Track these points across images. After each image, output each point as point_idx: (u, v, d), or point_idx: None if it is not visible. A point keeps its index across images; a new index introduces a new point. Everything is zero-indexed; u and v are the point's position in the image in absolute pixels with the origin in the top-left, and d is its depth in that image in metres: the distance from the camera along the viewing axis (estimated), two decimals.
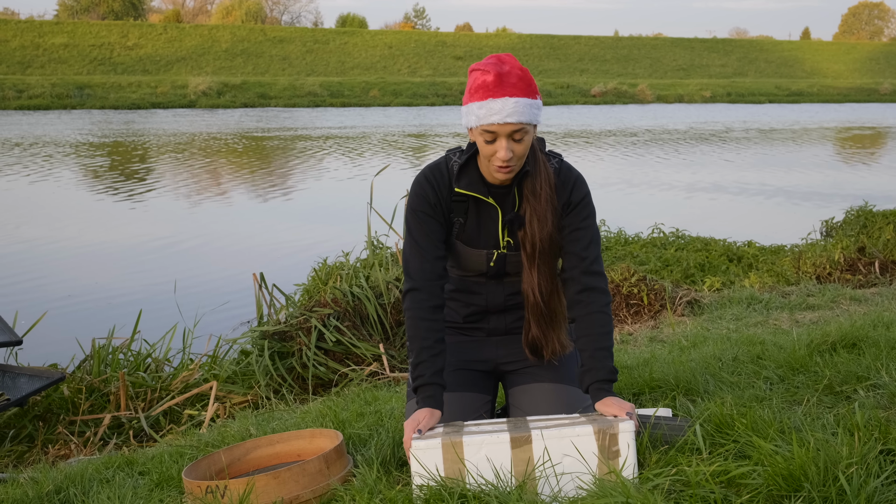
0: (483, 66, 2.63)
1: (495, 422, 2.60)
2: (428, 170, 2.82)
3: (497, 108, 2.57)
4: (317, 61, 65.55)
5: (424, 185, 2.78)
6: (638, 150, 24.43)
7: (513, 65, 2.63)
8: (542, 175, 2.72)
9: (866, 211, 9.77)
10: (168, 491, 2.80)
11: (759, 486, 2.14)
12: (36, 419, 4.90)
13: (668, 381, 3.35)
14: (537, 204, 2.70)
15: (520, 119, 2.57)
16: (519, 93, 2.59)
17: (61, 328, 7.14)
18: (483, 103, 2.59)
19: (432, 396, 2.64)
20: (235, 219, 13.17)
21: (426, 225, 2.76)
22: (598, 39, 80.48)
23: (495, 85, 2.58)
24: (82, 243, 11.12)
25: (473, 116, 2.62)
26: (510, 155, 2.60)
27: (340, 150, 23.70)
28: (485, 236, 2.79)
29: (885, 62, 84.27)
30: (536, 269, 2.75)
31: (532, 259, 2.74)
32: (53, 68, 55.42)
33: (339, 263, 7.00)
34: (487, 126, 2.59)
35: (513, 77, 2.60)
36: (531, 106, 2.61)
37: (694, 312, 5.97)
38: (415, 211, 2.78)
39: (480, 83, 2.61)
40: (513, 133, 2.59)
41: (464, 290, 2.90)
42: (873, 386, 3.03)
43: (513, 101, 2.57)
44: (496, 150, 2.61)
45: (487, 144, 2.62)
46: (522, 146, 2.63)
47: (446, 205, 2.77)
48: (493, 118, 2.57)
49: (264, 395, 5.05)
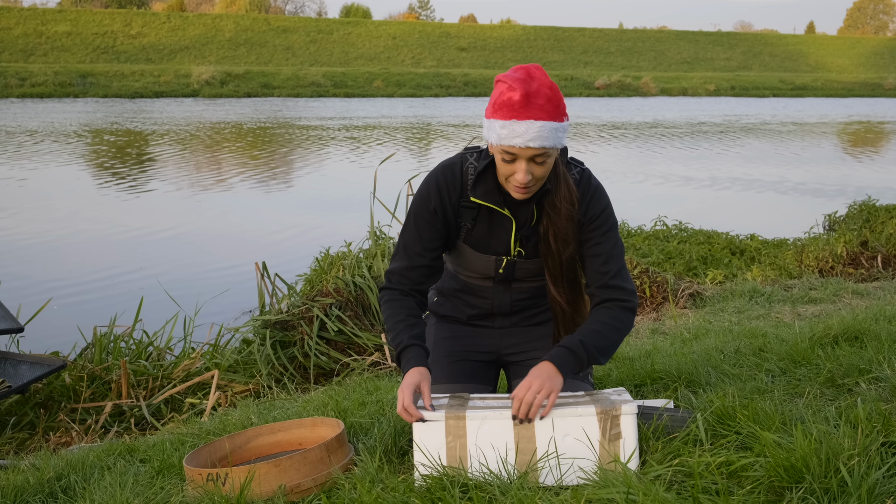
0: (511, 80, 2.46)
1: (500, 396, 2.59)
2: (440, 171, 2.70)
3: (520, 132, 2.42)
4: (320, 51, 65.45)
5: (432, 189, 2.67)
6: (641, 142, 24.40)
7: (542, 82, 2.46)
8: (563, 191, 2.60)
9: (869, 205, 9.76)
10: (169, 478, 2.80)
11: (761, 478, 2.14)
12: (37, 406, 4.90)
13: (670, 372, 3.35)
14: (559, 221, 2.60)
15: (543, 144, 2.44)
16: (545, 115, 2.44)
17: (63, 316, 7.14)
18: (506, 123, 2.44)
19: (414, 357, 2.57)
20: (238, 208, 13.17)
21: (422, 231, 2.68)
22: (602, 32, 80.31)
23: (521, 105, 2.43)
24: (85, 232, 11.12)
25: (495, 134, 2.48)
26: (529, 178, 2.49)
27: (343, 141, 23.68)
28: (494, 243, 2.71)
29: (889, 57, 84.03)
30: (563, 286, 2.70)
31: (558, 277, 2.68)
32: (56, 56, 55.37)
33: (341, 253, 7.00)
34: (508, 148, 2.46)
35: (540, 98, 2.44)
36: (557, 130, 2.46)
37: (696, 305, 5.96)
38: (415, 213, 2.70)
39: (506, 100, 2.45)
40: (534, 157, 2.47)
41: (469, 293, 2.85)
42: (875, 379, 3.03)
43: (538, 125, 2.42)
44: (515, 172, 2.50)
45: (506, 164, 2.51)
46: (543, 169, 2.51)
47: (454, 210, 2.68)
48: (515, 141, 2.43)
49: (266, 384, 5.05)
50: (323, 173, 17.55)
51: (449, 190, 2.66)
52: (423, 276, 2.71)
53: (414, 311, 2.68)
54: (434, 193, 2.67)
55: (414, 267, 2.70)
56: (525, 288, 2.80)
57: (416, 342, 2.60)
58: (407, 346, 2.60)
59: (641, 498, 1.98)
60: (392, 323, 2.66)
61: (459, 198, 2.67)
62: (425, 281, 2.72)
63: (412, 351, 2.59)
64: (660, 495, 1.98)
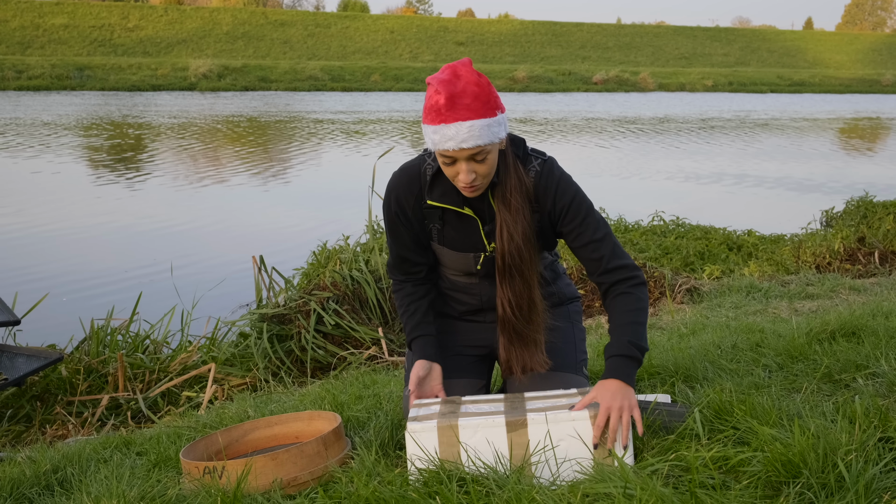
0: (436, 82, 2.41)
1: (492, 398, 2.57)
2: (398, 175, 2.69)
3: (451, 134, 2.39)
4: (318, 45, 65.38)
5: (390, 195, 2.68)
6: (638, 137, 24.39)
7: (468, 80, 2.41)
8: (513, 183, 2.55)
9: (867, 201, 9.77)
10: (166, 471, 2.80)
11: (758, 473, 2.14)
12: (34, 399, 4.90)
13: (667, 367, 3.35)
14: (507, 214, 2.56)
15: (476, 143, 2.40)
16: (473, 114, 2.39)
17: (60, 309, 7.14)
18: (437, 128, 2.40)
19: (423, 347, 2.72)
20: (235, 202, 13.15)
21: (395, 235, 2.74)
22: (600, 27, 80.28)
23: (447, 108, 2.38)
24: (82, 225, 11.11)
25: (429, 140, 2.45)
26: (472, 177, 2.46)
27: (341, 134, 23.66)
28: (469, 241, 2.69)
29: (887, 53, 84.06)
30: (508, 282, 2.62)
31: (503, 272, 2.61)
32: (53, 49, 55.26)
33: (338, 247, 7.00)
34: (443, 152, 2.44)
35: (466, 97, 2.39)
36: (489, 126, 2.42)
37: (693, 300, 5.96)
38: (385, 217, 2.75)
39: (433, 104, 2.41)
40: (472, 156, 2.43)
41: (457, 290, 2.85)
42: (872, 374, 3.03)
43: (467, 125, 2.38)
44: (457, 173, 2.47)
45: (448, 166, 2.48)
46: (486, 165, 2.47)
47: (416, 213, 2.67)
48: (448, 144, 2.40)
49: (263, 377, 5.05)
50: (320, 167, 17.54)
51: (406, 194, 2.66)
52: (413, 266, 2.79)
53: (416, 294, 2.80)
54: (393, 199, 2.68)
55: (403, 260, 2.79)
56: None
57: (424, 332, 2.76)
58: (416, 337, 2.76)
59: (639, 492, 1.98)
60: (402, 310, 2.82)
61: (418, 201, 2.66)
62: (418, 270, 2.80)
63: (420, 341, 2.75)
64: (657, 490, 1.98)
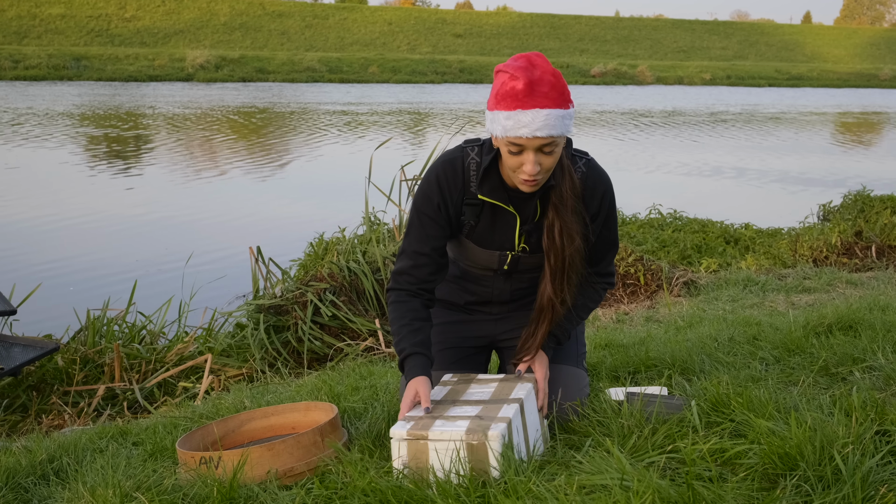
0: (512, 69, 2.37)
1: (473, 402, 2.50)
2: (441, 168, 2.62)
3: (526, 121, 2.34)
4: (316, 36, 65.24)
5: (433, 186, 2.61)
6: (637, 130, 24.38)
7: (544, 69, 2.39)
8: (568, 184, 2.53)
9: (864, 195, 9.76)
10: (162, 461, 2.80)
11: (755, 465, 2.14)
12: (30, 389, 4.89)
13: (664, 360, 3.35)
14: (565, 215, 2.53)
15: (551, 133, 2.36)
16: (551, 103, 2.36)
17: (56, 299, 7.12)
18: (511, 114, 2.36)
19: (416, 366, 2.55)
20: (232, 193, 13.14)
21: (427, 228, 2.63)
22: (598, 19, 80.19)
23: (525, 94, 2.34)
24: (79, 215, 11.08)
25: (500, 126, 2.39)
26: (538, 169, 2.41)
27: (338, 126, 23.62)
28: (498, 239, 2.66)
29: (885, 48, 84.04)
30: (563, 282, 2.61)
31: (558, 273, 2.59)
32: (50, 39, 55.09)
33: (335, 238, 6.99)
34: (515, 139, 2.39)
35: (545, 85, 2.36)
36: (563, 117, 2.39)
37: (690, 293, 5.97)
38: (419, 211, 2.64)
39: (509, 90, 2.36)
40: (542, 147, 2.39)
41: (469, 280, 2.82)
42: (869, 368, 3.03)
43: (544, 113, 2.34)
44: (523, 163, 2.42)
45: (513, 156, 2.43)
46: (552, 159, 2.43)
47: (456, 208, 2.62)
48: (522, 131, 2.35)
49: (259, 368, 5.04)
50: (318, 158, 17.51)
51: (451, 187, 2.60)
52: (430, 274, 2.67)
53: (419, 314, 2.65)
54: (436, 191, 2.60)
55: (420, 265, 2.65)
56: (526, 278, 2.77)
57: (417, 350, 2.58)
58: (409, 354, 2.58)
59: (635, 484, 1.98)
60: (397, 327, 2.63)
61: (462, 195, 2.61)
62: (433, 278, 2.69)
63: (414, 360, 2.57)
64: (654, 482, 1.98)
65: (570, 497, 2.03)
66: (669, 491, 1.96)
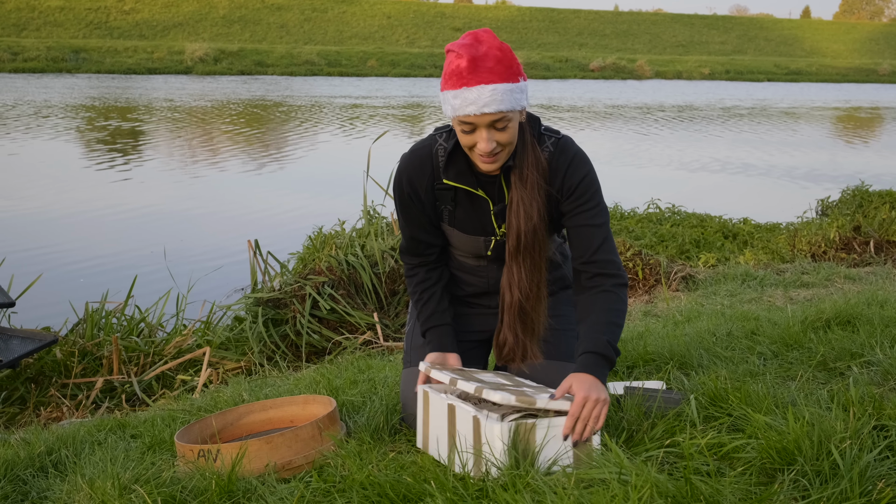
0: (457, 47, 2.35)
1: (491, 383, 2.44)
2: (408, 157, 2.62)
3: (472, 98, 2.31)
4: (315, 30, 65.13)
5: (403, 176, 2.62)
6: (636, 125, 24.37)
7: (490, 44, 2.35)
8: (530, 160, 2.48)
9: (862, 190, 9.77)
10: (160, 454, 2.80)
11: (753, 459, 2.15)
12: (28, 381, 4.89)
13: (662, 354, 3.35)
14: (524, 192, 2.48)
15: (499, 108, 2.32)
16: (497, 78, 2.32)
17: (55, 292, 7.12)
18: (457, 92, 2.33)
19: (440, 337, 2.70)
20: (231, 186, 13.12)
21: (406, 212, 2.68)
22: (597, 14, 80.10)
23: (469, 71, 2.32)
24: (78, 208, 11.07)
25: (449, 106, 2.37)
26: (493, 146, 2.37)
27: (337, 119, 23.60)
28: (480, 223, 2.64)
29: (884, 43, 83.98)
30: (519, 264, 2.54)
31: (515, 253, 2.53)
32: (49, 31, 54.98)
33: (334, 232, 6.99)
34: (463, 117, 2.35)
35: (489, 60, 2.33)
36: (512, 91, 2.34)
37: (689, 288, 5.97)
38: (396, 200, 2.69)
39: (454, 69, 2.34)
40: (493, 123, 2.35)
41: (465, 271, 2.81)
42: (867, 363, 3.04)
43: (490, 88, 2.31)
44: (476, 142, 2.39)
45: (466, 135, 2.40)
46: (507, 134, 2.38)
47: (428, 195, 2.61)
48: (469, 109, 2.32)
49: (257, 361, 5.05)
50: (317, 152, 17.49)
51: (420, 175, 2.59)
52: (428, 248, 2.74)
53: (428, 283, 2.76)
54: (405, 181, 2.62)
55: (416, 236, 2.72)
56: None
57: (442, 322, 2.72)
58: (432, 326, 2.73)
59: (633, 478, 1.98)
60: (413, 300, 2.80)
61: (431, 181, 2.59)
62: (432, 252, 2.75)
63: (436, 332, 2.72)
64: (652, 476, 1.98)
65: (568, 491, 2.04)
66: (667, 485, 1.96)
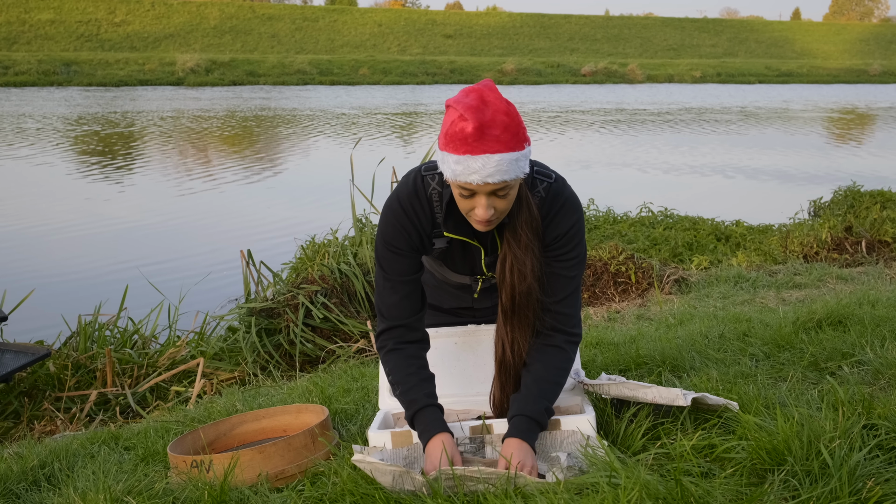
0: (462, 107, 2.19)
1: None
2: (406, 199, 2.44)
3: (476, 167, 2.18)
4: (306, 39, 65.18)
5: (403, 220, 2.44)
6: (627, 129, 24.41)
7: (496, 108, 2.20)
8: (524, 218, 2.36)
9: (854, 191, 9.79)
10: (154, 465, 2.80)
11: (743, 460, 2.15)
12: (22, 395, 4.88)
13: (654, 357, 3.36)
14: (517, 250, 2.37)
15: (503, 178, 2.19)
16: (503, 147, 2.18)
17: (48, 305, 7.10)
18: (461, 158, 2.19)
19: (433, 421, 2.38)
20: (223, 197, 13.12)
21: (399, 263, 2.46)
22: (588, 18, 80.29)
23: (475, 138, 2.17)
24: (69, 221, 11.06)
25: (449, 169, 2.22)
26: (491, 213, 2.26)
27: (329, 128, 23.60)
28: (468, 266, 2.58)
29: (874, 43, 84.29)
30: (512, 323, 2.44)
31: (509, 312, 2.43)
32: (40, 45, 54.92)
33: (326, 241, 6.99)
34: (464, 184, 2.23)
35: (496, 127, 2.18)
36: (517, 160, 2.21)
37: (681, 290, 5.98)
38: (388, 245, 2.46)
39: (458, 131, 2.19)
40: (495, 191, 2.24)
41: (450, 287, 2.77)
42: (858, 362, 3.04)
43: (496, 158, 2.17)
44: (474, 207, 2.27)
45: (464, 199, 2.27)
46: (507, 201, 2.28)
47: (428, 238, 2.48)
48: (472, 178, 2.19)
49: (251, 371, 5.05)
50: (309, 161, 17.50)
51: (421, 220, 2.44)
52: (417, 302, 2.51)
53: (423, 362, 2.50)
54: (408, 225, 2.44)
55: (405, 295, 2.49)
56: None
57: (431, 402, 2.42)
58: (421, 408, 2.41)
59: (624, 480, 1.99)
60: (402, 375, 2.46)
61: (432, 226, 2.47)
62: (421, 307, 2.53)
63: (427, 413, 2.40)
64: (642, 478, 1.99)
65: (559, 496, 2.04)
66: (658, 487, 1.96)
